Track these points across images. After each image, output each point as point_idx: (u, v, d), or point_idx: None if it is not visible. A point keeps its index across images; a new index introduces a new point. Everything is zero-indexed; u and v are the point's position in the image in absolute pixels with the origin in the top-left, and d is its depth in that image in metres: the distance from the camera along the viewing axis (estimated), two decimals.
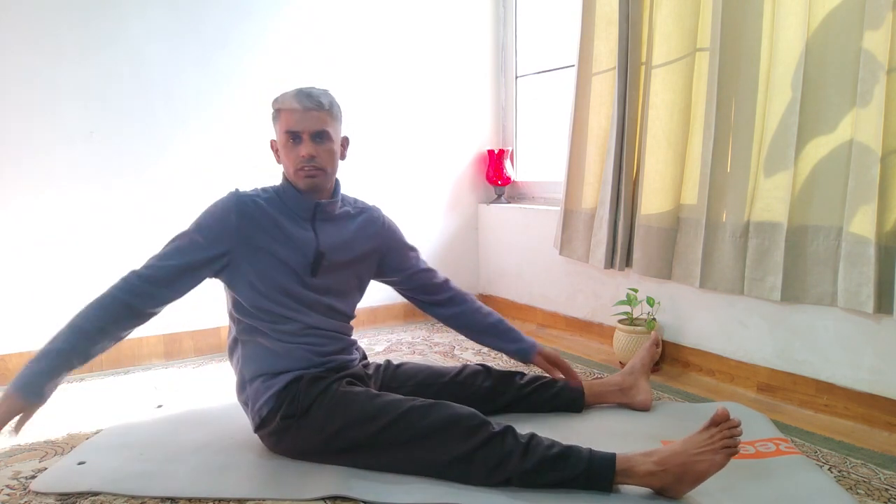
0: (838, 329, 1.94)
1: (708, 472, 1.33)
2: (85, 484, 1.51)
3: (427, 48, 3.18)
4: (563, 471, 1.39)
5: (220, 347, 2.68)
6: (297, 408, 1.55)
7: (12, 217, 2.32)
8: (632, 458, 1.39)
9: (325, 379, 1.59)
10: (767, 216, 2.04)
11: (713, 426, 1.35)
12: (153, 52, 2.53)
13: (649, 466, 1.36)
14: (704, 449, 1.33)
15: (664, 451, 1.38)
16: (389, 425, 1.48)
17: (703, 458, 1.33)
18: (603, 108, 2.57)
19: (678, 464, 1.34)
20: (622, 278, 2.63)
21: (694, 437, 1.37)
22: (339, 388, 1.57)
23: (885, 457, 1.66)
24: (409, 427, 1.47)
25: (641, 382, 1.93)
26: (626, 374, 1.95)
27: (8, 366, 2.32)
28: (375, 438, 1.49)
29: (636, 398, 1.92)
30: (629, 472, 1.38)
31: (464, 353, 2.63)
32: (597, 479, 1.39)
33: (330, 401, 1.54)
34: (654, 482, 1.37)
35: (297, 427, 1.55)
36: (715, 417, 1.35)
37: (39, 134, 2.35)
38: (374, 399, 1.53)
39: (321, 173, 1.60)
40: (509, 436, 1.44)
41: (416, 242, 3.02)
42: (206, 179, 2.61)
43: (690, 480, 1.34)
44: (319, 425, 1.53)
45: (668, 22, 2.26)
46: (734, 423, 1.34)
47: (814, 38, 1.89)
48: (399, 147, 3.16)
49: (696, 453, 1.34)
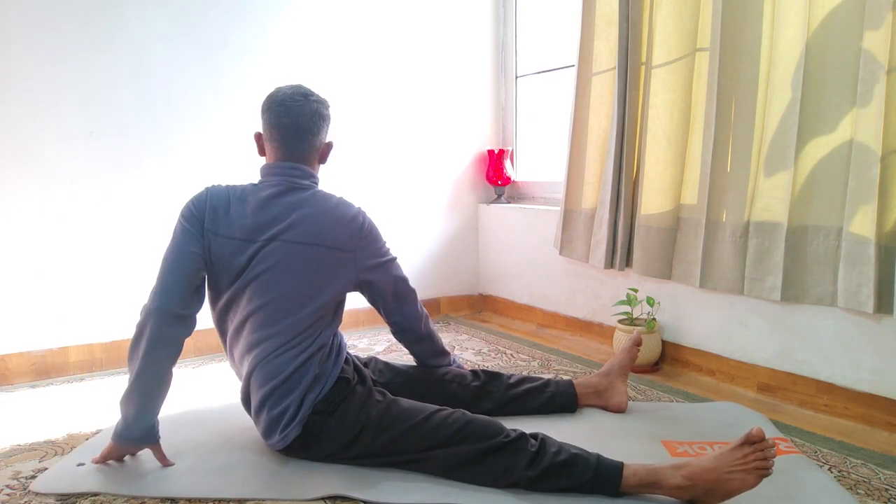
0: (838, 329, 1.94)
1: (738, 491, 1.31)
2: (85, 484, 1.50)
3: (427, 48, 3.18)
4: (570, 478, 1.39)
5: (220, 347, 2.68)
6: (327, 405, 1.55)
7: (12, 216, 2.32)
8: (660, 471, 1.37)
9: (350, 381, 1.60)
10: (767, 216, 2.04)
11: (747, 444, 1.31)
12: (153, 52, 2.53)
13: (679, 480, 1.34)
14: (737, 468, 1.30)
15: (695, 466, 1.34)
16: (408, 432, 1.50)
17: (734, 477, 1.30)
18: (603, 108, 2.57)
19: (709, 480, 1.32)
20: (622, 278, 2.63)
21: (727, 453, 1.33)
22: (364, 393, 1.58)
23: (885, 457, 1.65)
24: (428, 436, 1.49)
25: (617, 384, 1.91)
26: (603, 377, 1.93)
27: (8, 366, 2.32)
28: (392, 445, 1.51)
29: (611, 401, 1.90)
30: (658, 484, 1.36)
31: (464, 353, 2.63)
32: (603, 488, 1.39)
33: (356, 404, 1.55)
34: (683, 495, 1.35)
35: (320, 426, 1.55)
36: (750, 437, 1.31)
37: (39, 133, 2.35)
38: (392, 405, 1.55)
39: None
40: (522, 443, 1.44)
41: (416, 242, 3.00)
42: (206, 178, 2.60)
43: (719, 497, 1.32)
44: (345, 428, 1.53)
45: (668, 22, 2.26)
46: (769, 444, 1.31)
47: (814, 38, 1.89)
48: (399, 147, 3.15)
49: (727, 471, 1.30)
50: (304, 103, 1.58)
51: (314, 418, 1.54)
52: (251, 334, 1.55)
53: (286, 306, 1.53)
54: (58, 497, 1.47)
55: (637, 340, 1.94)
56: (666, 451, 1.63)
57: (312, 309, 1.54)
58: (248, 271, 1.53)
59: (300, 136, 1.59)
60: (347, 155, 2.99)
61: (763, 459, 1.29)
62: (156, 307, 1.49)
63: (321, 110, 1.62)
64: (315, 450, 1.56)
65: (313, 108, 1.60)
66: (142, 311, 1.51)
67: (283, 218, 1.54)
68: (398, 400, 1.59)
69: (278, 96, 1.60)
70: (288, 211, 1.55)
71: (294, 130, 1.58)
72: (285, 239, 1.53)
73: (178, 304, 1.51)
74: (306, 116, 1.58)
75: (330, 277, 1.56)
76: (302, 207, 1.55)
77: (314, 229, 1.54)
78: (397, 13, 3.08)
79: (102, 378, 2.39)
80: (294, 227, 1.53)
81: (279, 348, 1.52)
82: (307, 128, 1.59)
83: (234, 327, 1.60)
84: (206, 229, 1.54)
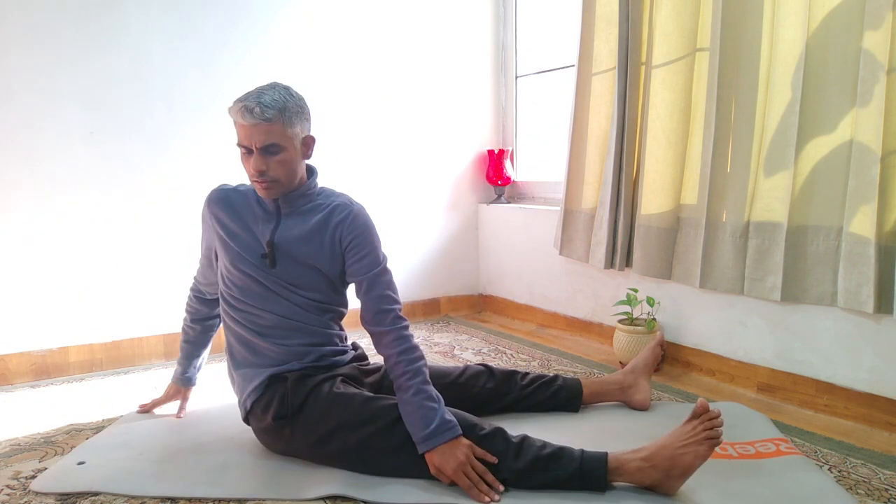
0: (838, 329, 1.94)
1: (694, 465, 1.36)
2: (85, 484, 1.51)
3: (427, 48, 3.18)
4: (556, 471, 1.41)
5: (219, 347, 2.68)
6: (288, 407, 1.56)
7: (13, 217, 2.32)
8: (621, 457, 1.42)
9: (312, 377, 1.59)
10: (767, 216, 2.04)
11: (694, 418, 1.38)
12: (153, 53, 2.53)
13: (638, 463, 1.39)
14: (688, 441, 1.36)
15: (651, 447, 1.41)
16: (382, 430, 1.49)
17: (687, 451, 1.36)
18: (603, 108, 2.57)
19: (664, 457, 1.37)
20: (622, 278, 2.63)
21: (676, 430, 1.40)
22: (333, 389, 1.57)
23: (885, 457, 1.65)
24: (400, 433, 1.48)
25: (641, 382, 1.94)
26: (628, 373, 1.96)
27: (8, 366, 2.32)
28: (368, 442, 1.50)
29: (634, 397, 1.93)
30: (620, 469, 1.41)
31: (464, 353, 2.63)
32: (590, 479, 1.40)
33: (323, 400, 1.54)
34: (644, 478, 1.39)
35: (290, 426, 1.56)
36: (696, 410, 1.38)
37: (40, 134, 2.35)
38: (368, 402, 1.53)
39: (275, 184, 1.58)
40: (499, 437, 1.45)
41: (416, 242, 3.01)
42: (207, 179, 2.60)
43: (678, 474, 1.37)
44: (312, 425, 1.54)
45: (668, 22, 2.26)
46: (714, 414, 1.37)
47: (814, 38, 1.89)
48: (399, 147, 3.15)
49: (680, 446, 1.37)
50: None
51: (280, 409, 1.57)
52: None
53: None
54: (58, 497, 1.47)
55: (661, 341, 1.98)
56: None
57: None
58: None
59: None
60: (348, 155, 2.99)
61: (710, 429, 1.35)
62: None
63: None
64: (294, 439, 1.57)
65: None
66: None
67: None
68: (374, 396, 1.56)
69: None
70: None
71: None
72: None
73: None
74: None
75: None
76: None
77: None
78: (397, 13, 3.08)
79: (102, 378, 2.39)
80: None
81: None
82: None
83: None
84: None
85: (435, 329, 3.04)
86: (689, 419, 1.39)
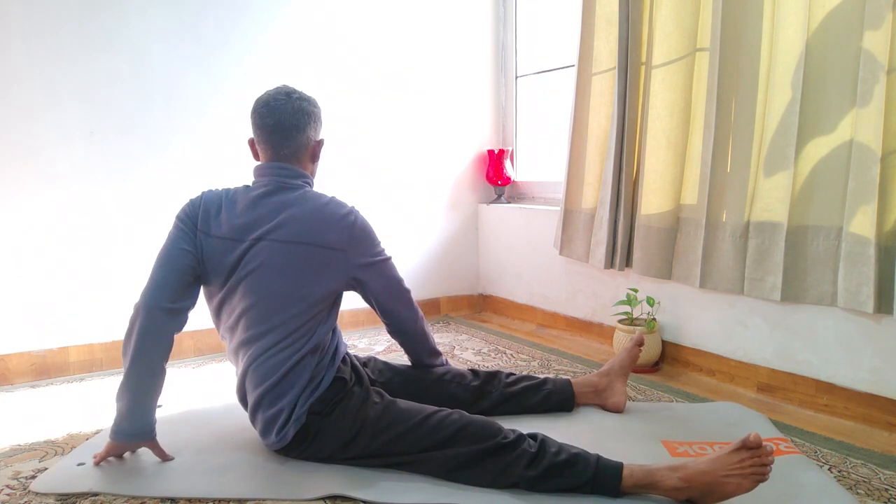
0: (838, 329, 1.94)
1: (733, 494, 1.31)
2: (85, 484, 1.51)
3: (427, 48, 3.18)
4: (570, 478, 1.40)
5: (220, 347, 2.68)
6: (324, 406, 1.55)
7: (12, 216, 2.32)
8: (657, 472, 1.38)
9: (347, 382, 1.60)
10: (767, 216, 2.04)
11: (744, 449, 1.31)
12: (153, 52, 2.53)
13: (675, 482, 1.35)
14: (733, 472, 1.30)
15: (691, 468, 1.35)
16: (406, 434, 1.50)
17: (730, 481, 1.30)
18: (603, 108, 2.57)
19: (705, 482, 1.32)
20: (622, 278, 2.63)
21: (724, 457, 1.33)
22: (362, 393, 1.58)
23: (885, 457, 1.65)
24: (426, 437, 1.49)
25: (617, 384, 1.91)
26: (602, 376, 1.93)
27: (8, 366, 2.32)
28: (390, 447, 1.51)
29: (609, 400, 1.90)
30: (655, 485, 1.37)
31: (464, 353, 2.63)
32: (602, 488, 1.39)
33: (354, 405, 1.55)
34: (680, 496, 1.36)
35: (318, 427, 1.55)
36: (747, 443, 1.30)
37: (39, 133, 2.35)
38: (391, 406, 1.55)
39: None
40: (521, 444, 1.45)
41: (416, 242, 3.01)
42: (206, 178, 2.60)
43: (715, 498, 1.33)
44: (342, 429, 1.54)
45: (668, 22, 2.26)
46: (767, 451, 1.30)
47: (814, 38, 1.89)
48: (399, 147, 3.15)
49: (724, 475, 1.31)
50: (286, 101, 1.58)
51: (311, 419, 1.54)
52: (244, 332, 1.56)
53: (276, 304, 1.53)
54: (58, 497, 1.47)
55: (639, 340, 1.94)
56: (666, 452, 1.63)
57: (304, 307, 1.54)
58: (239, 270, 1.55)
59: (285, 134, 1.58)
60: (348, 155, 2.99)
61: (760, 465, 1.29)
62: (145, 302, 1.52)
63: (306, 107, 1.60)
64: (313, 450, 1.56)
65: (297, 105, 1.59)
66: (134, 307, 1.54)
67: (272, 217, 1.54)
68: (396, 401, 1.59)
69: (262, 98, 1.61)
70: (276, 210, 1.55)
71: (279, 129, 1.58)
72: (273, 238, 1.53)
73: (168, 299, 1.53)
74: (289, 114, 1.58)
75: (320, 276, 1.55)
76: (291, 207, 1.56)
77: (302, 228, 1.54)
78: (398, 13, 3.08)
79: (102, 378, 2.39)
80: (282, 227, 1.53)
81: (272, 347, 1.52)
82: (291, 125, 1.58)
83: (228, 325, 1.61)
84: (199, 230, 1.57)
85: (435, 329, 3.04)
86: (738, 448, 1.31)
